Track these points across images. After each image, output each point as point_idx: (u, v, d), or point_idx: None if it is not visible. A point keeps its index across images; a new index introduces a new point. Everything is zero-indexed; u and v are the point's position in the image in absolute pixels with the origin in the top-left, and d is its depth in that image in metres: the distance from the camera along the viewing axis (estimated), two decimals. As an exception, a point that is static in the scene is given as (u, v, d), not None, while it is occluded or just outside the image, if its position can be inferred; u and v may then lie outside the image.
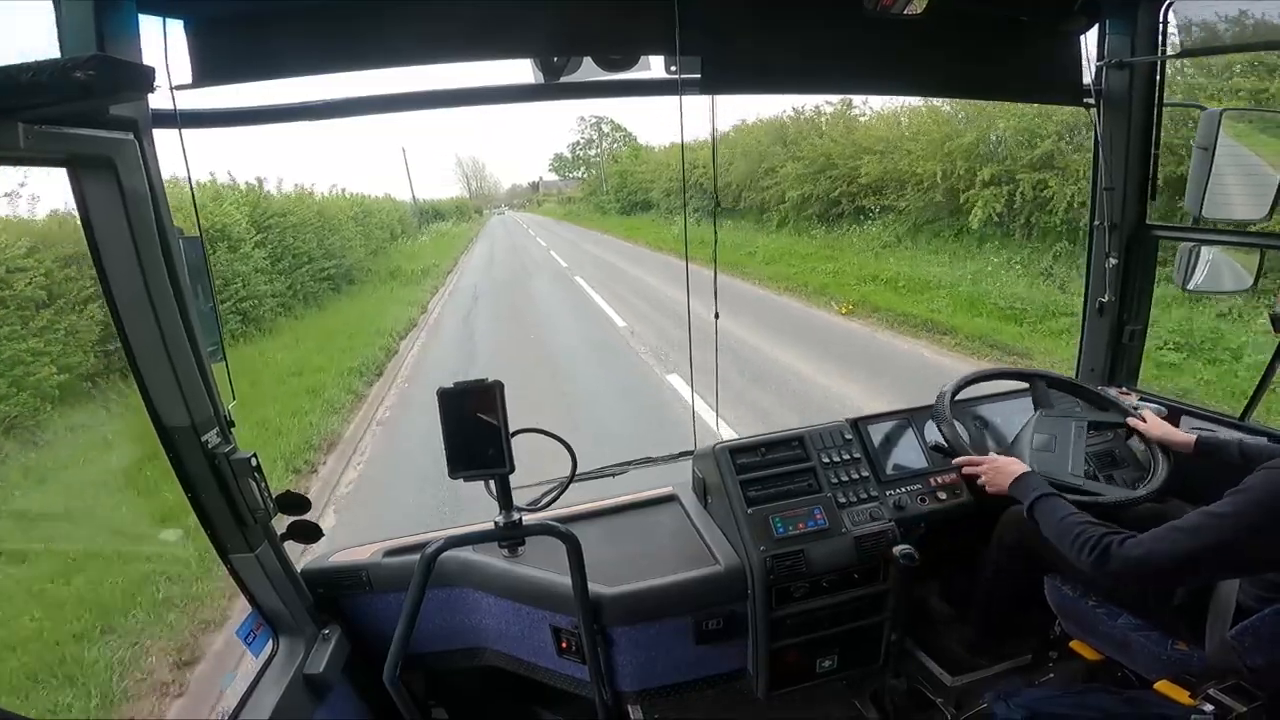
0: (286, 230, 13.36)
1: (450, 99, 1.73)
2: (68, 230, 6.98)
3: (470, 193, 76.62)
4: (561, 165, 67.62)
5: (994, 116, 11.32)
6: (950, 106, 12.50)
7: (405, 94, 1.67)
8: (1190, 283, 2.03)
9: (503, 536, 1.53)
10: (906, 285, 11.08)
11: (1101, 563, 1.39)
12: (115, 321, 1.31)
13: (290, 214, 13.88)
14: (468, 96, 1.74)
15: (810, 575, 1.80)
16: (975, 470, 1.78)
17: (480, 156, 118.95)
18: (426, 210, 43.96)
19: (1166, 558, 1.33)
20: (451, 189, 75.17)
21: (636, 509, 2.13)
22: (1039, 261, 10.30)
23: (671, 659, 1.86)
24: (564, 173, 68.06)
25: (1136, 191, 2.11)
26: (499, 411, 1.40)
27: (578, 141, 62.60)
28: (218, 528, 1.51)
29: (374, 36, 1.55)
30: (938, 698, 1.94)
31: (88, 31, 1.18)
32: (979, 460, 1.78)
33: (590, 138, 60.62)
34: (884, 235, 14.16)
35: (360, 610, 1.88)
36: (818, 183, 16.42)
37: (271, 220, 12.89)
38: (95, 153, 1.18)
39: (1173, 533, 1.35)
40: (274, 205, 13.57)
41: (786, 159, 17.76)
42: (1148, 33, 1.95)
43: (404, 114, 1.73)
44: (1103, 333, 2.24)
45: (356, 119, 1.69)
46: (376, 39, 1.56)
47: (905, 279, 11.34)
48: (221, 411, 1.48)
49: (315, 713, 1.68)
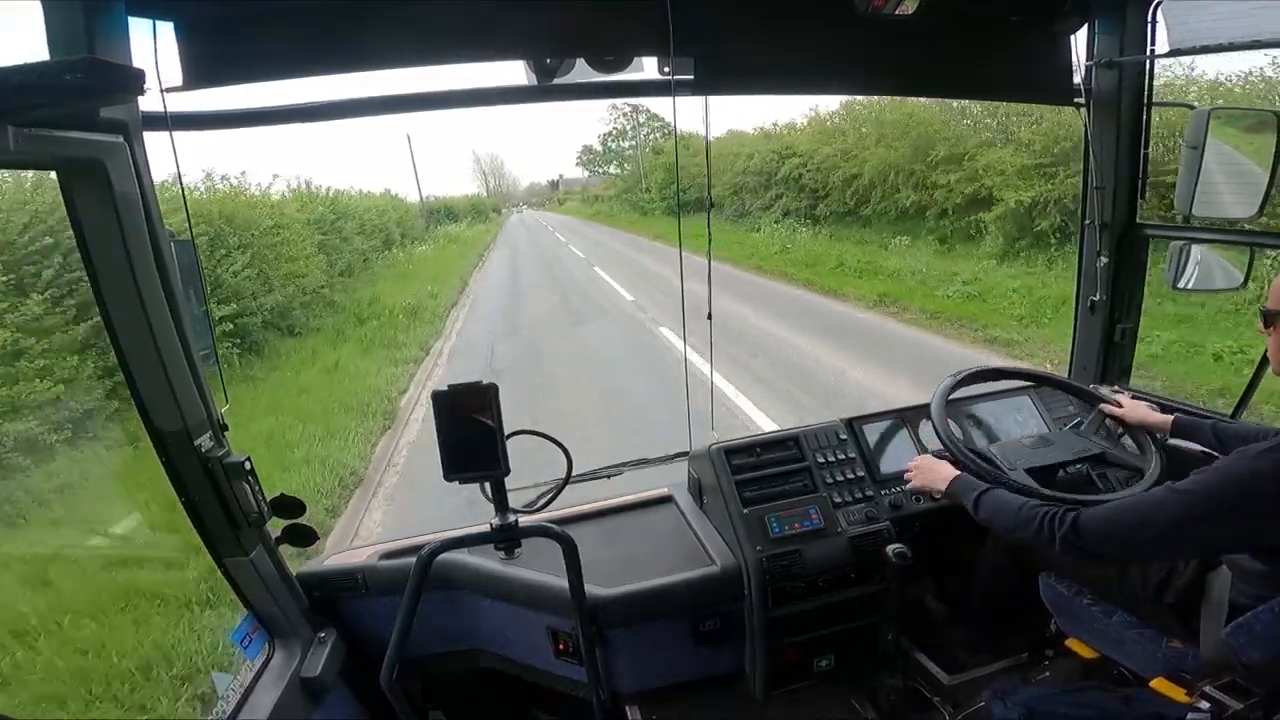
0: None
1: (444, 101, 1.72)
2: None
3: (489, 191, 73.05)
4: (592, 159, 60.44)
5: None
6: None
7: (398, 96, 1.67)
8: (1181, 281, 2.04)
9: (499, 539, 1.53)
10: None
11: (1073, 536, 1.38)
12: (107, 325, 1.31)
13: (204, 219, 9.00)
14: (461, 98, 1.73)
15: (806, 575, 1.80)
16: (908, 475, 1.79)
17: (499, 153, 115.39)
18: (437, 209, 39.96)
19: (1130, 526, 1.34)
20: (468, 187, 72.50)
21: (633, 510, 2.13)
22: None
23: (669, 660, 1.86)
24: (595, 167, 60.76)
25: (1127, 190, 2.11)
26: (494, 413, 1.39)
27: (609, 133, 55.64)
28: (211, 531, 1.50)
29: (365, 39, 1.55)
30: (935, 696, 1.94)
31: (77, 34, 1.17)
32: (907, 466, 1.80)
33: (623, 128, 54.06)
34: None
35: (357, 613, 1.88)
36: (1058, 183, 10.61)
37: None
38: (86, 156, 1.17)
39: (1137, 503, 1.37)
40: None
41: (1000, 141, 12.47)
42: (1137, 32, 1.96)
43: (413, 114, 1.72)
44: (1095, 331, 2.25)
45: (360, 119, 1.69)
46: (368, 41, 1.55)
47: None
48: (214, 415, 1.47)
49: (312, 716, 1.67)
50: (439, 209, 40.12)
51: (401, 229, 23.36)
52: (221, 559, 1.55)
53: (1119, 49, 1.98)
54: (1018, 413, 2.16)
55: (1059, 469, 1.85)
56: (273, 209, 11.79)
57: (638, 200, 38.23)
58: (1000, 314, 9.35)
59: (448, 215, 39.92)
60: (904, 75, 2.00)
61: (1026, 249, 11.27)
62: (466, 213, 45.28)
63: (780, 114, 24.99)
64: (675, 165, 26.57)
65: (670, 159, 30.07)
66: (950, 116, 13.94)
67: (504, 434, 1.41)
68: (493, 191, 73.33)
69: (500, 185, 76.74)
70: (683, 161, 20.53)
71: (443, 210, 40.76)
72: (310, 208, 14.23)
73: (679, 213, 10.71)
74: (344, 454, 6.06)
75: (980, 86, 2.14)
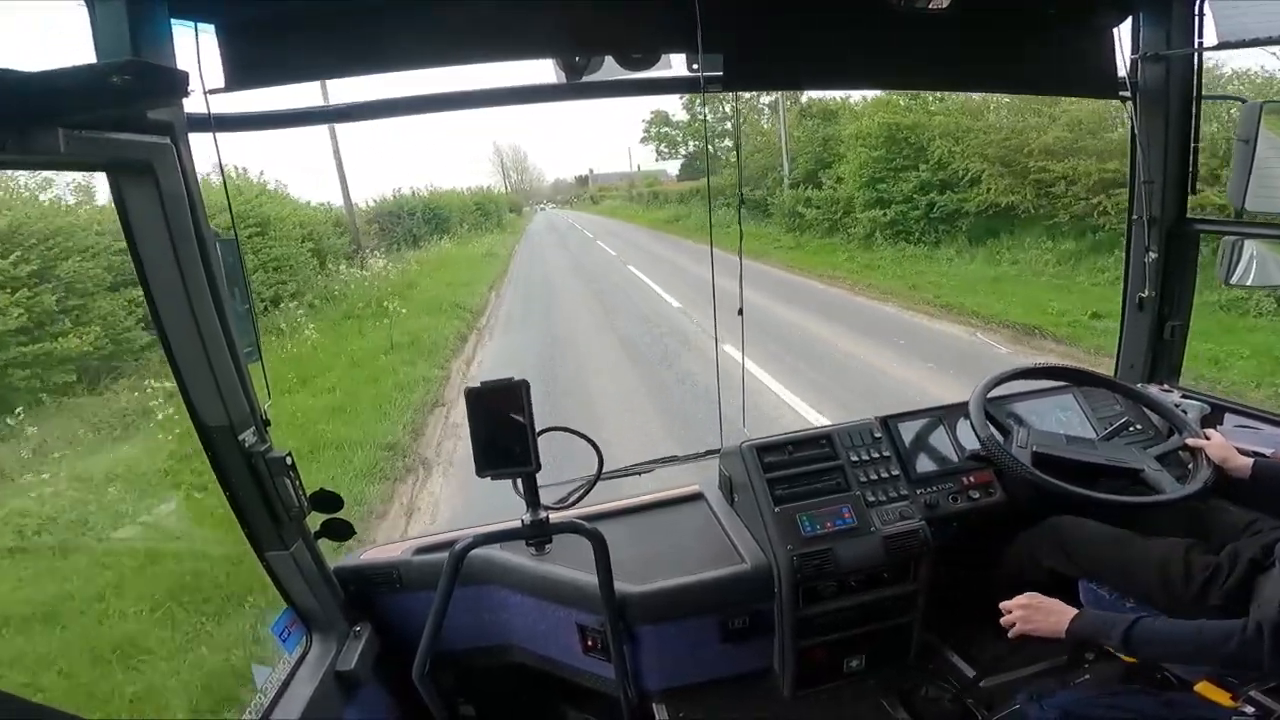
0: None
1: (476, 100, 1.74)
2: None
3: (510, 186, 63.23)
4: (659, 134, 39.49)
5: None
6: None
7: (431, 95, 1.69)
8: (1233, 277, 1.98)
9: (529, 535, 1.55)
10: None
11: (1270, 643, 1.27)
12: (156, 322, 1.34)
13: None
14: (492, 97, 1.76)
15: (838, 574, 1.78)
16: (1010, 619, 1.58)
17: (520, 144, 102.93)
18: (410, 210, 22.82)
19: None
20: (483, 181, 57.15)
21: (663, 507, 2.13)
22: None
23: (697, 658, 1.86)
24: (669, 142, 39.69)
25: (1176, 185, 2.06)
26: (526, 410, 1.41)
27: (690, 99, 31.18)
28: (254, 525, 1.53)
29: (398, 39, 1.58)
30: (968, 698, 1.90)
31: (122, 37, 1.20)
32: (1008, 606, 1.59)
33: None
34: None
35: (391, 608, 1.91)
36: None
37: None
38: (134, 157, 1.20)
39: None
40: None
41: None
42: (1183, 25, 1.91)
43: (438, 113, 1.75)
44: (1142, 328, 2.19)
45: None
46: (401, 42, 1.58)
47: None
48: (258, 411, 1.50)
49: (346, 709, 1.70)
50: (414, 209, 23.18)
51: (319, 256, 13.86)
52: (263, 552, 1.58)
53: (1166, 42, 1.94)
54: (1061, 411, 2.11)
55: (1099, 473, 1.80)
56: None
57: (772, 201, 20.44)
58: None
59: (432, 219, 23.72)
60: (940, 70, 1.97)
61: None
62: (465, 216, 28.47)
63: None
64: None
65: (837, 130, 18.11)
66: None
67: (535, 431, 1.43)
68: (515, 187, 64.84)
69: (523, 180, 68.75)
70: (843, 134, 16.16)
71: (421, 213, 23.34)
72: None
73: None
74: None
75: (1020, 81, 2.10)
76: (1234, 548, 1.57)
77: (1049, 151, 11.37)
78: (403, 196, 23.70)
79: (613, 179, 67.53)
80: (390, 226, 21.38)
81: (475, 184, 46.08)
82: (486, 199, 36.94)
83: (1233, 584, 1.50)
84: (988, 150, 12.50)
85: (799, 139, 20.10)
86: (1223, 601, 1.51)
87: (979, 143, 12.66)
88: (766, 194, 20.65)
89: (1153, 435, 2.02)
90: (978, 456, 1.90)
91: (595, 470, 1.78)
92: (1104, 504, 1.72)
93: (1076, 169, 10.94)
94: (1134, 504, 1.74)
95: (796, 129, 20.53)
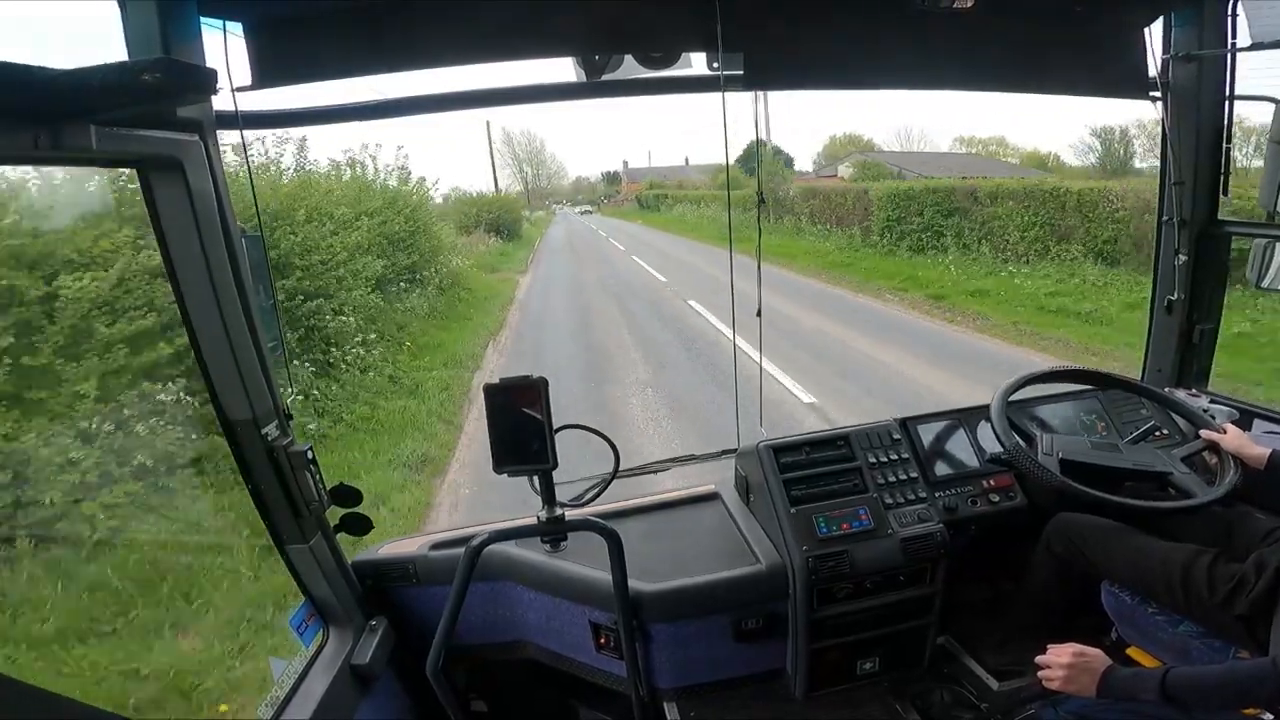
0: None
1: (498, 98, 1.76)
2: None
3: (525, 185, 50.34)
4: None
5: None
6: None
7: (454, 94, 1.71)
8: (1265, 280, 1.95)
9: (545, 531, 1.55)
10: None
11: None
12: (183, 316, 1.36)
13: None
14: (514, 95, 1.77)
15: (854, 576, 1.77)
16: (1047, 675, 1.50)
17: (536, 131, 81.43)
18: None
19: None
20: (488, 181, 45.81)
21: (678, 506, 2.12)
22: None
23: (709, 657, 1.86)
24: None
25: (1207, 187, 2.02)
26: (543, 407, 1.42)
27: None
28: (275, 518, 1.55)
29: (422, 38, 1.59)
30: (983, 703, 1.88)
31: (153, 36, 1.23)
32: (1045, 662, 1.52)
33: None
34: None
35: (406, 602, 1.92)
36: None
37: None
38: (164, 153, 1.23)
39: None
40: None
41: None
42: (1216, 25, 1.88)
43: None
44: (1171, 332, 2.16)
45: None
46: (425, 40, 1.60)
47: None
48: (281, 405, 1.52)
49: (360, 703, 1.71)
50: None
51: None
52: (283, 545, 1.60)
53: (1198, 42, 1.90)
54: (1084, 415, 2.08)
55: (1125, 478, 1.77)
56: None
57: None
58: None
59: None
60: (966, 69, 1.94)
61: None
62: (397, 275, 10.42)
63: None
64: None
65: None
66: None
67: (553, 428, 1.43)
68: (531, 185, 51.21)
69: (539, 175, 53.73)
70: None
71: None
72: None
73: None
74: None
75: (1048, 81, 2.06)
76: (1260, 555, 1.55)
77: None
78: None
79: (663, 173, 49.18)
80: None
81: (475, 185, 42.10)
82: (473, 212, 24.16)
83: (1260, 592, 1.47)
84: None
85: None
86: (1249, 610, 1.49)
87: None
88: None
89: (1179, 440, 1.99)
90: (998, 460, 1.86)
91: (612, 468, 1.78)
92: (1134, 510, 1.69)
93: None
94: (1165, 509, 1.71)
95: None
